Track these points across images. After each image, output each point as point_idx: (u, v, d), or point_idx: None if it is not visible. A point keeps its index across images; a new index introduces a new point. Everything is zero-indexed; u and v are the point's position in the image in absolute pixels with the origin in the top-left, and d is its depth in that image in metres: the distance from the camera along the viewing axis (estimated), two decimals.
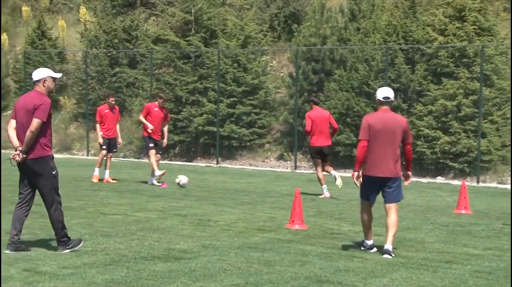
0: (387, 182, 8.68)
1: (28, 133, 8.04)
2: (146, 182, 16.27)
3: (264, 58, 25.78)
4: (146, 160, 20.12)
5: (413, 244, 9.49)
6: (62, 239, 8.32)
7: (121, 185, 15.91)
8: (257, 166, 23.39)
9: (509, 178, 19.91)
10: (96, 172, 16.71)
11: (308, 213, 11.95)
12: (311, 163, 23.00)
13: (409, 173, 8.95)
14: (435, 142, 20.46)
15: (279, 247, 8.93)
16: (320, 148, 14.60)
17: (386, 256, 8.47)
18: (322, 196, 14.64)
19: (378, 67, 21.67)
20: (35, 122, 8.02)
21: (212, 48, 25.39)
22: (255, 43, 25.41)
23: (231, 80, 24.41)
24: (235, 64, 24.58)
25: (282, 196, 14.85)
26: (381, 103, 8.78)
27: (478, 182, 19.58)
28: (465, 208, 13.03)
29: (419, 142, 20.62)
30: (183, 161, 24.37)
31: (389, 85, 21.06)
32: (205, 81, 25.05)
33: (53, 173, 8.21)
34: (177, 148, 25.16)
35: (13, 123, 8.29)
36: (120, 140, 17.02)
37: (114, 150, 17.09)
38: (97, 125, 16.65)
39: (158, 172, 15.92)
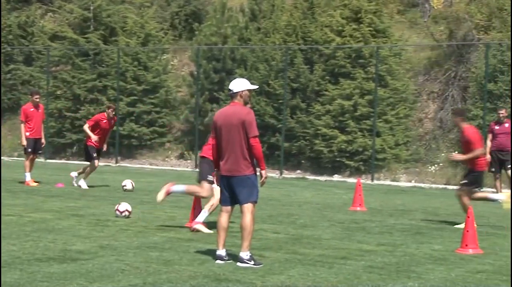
0: (232, 182, 7.92)
1: None
2: (38, 181, 15.87)
3: (165, 57, 25.65)
4: (41, 159, 19.53)
5: (310, 241, 9.67)
6: None
7: (15, 185, 15.48)
8: (157, 165, 23.25)
9: (401, 176, 20.55)
10: (28, 177, 15.69)
11: None
12: None
13: (262, 171, 7.93)
14: (332, 141, 20.87)
15: (179, 246, 8.92)
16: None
17: (239, 264, 7.83)
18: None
19: (278, 67, 21.94)
20: None
21: (112, 46, 25.05)
22: (156, 42, 25.24)
23: (131, 79, 24.17)
24: (135, 63, 24.35)
25: (182, 195, 14.78)
26: (230, 96, 8.10)
27: (372, 179, 20.13)
28: (360, 205, 13.39)
29: (317, 141, 21.01)
30: (81, 160, 23.90)
31: (288, 85, 21.40)
32: (104, 79, 24.69)
33: None
34: (75, 147, 24.70)
35: None
36: (43, 140, 16.03)
37: (40, 151, 16.20)
38: (22, 126, 15.73)
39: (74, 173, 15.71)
